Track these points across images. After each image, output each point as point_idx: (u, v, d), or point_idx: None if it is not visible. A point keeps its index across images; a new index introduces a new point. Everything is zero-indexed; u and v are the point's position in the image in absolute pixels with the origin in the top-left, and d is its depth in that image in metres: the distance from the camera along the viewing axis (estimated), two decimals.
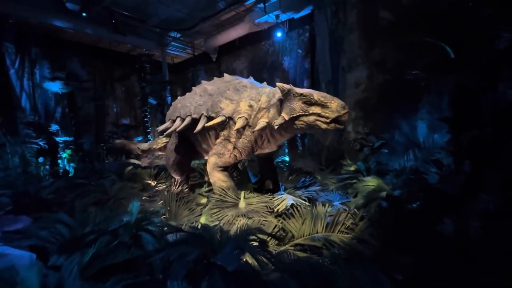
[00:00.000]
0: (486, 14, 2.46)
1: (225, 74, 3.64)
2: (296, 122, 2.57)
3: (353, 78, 4.94)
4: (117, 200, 3.39)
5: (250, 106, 2.97)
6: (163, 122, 4.22)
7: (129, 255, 1.61)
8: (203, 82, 3.80)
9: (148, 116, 10.73)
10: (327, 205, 2.83)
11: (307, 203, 3.16)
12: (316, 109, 2.44)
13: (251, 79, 3.51)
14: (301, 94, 2.51)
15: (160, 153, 5.13)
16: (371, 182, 2.85)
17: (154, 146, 4.89)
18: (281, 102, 2.68)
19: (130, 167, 5.52)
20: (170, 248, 1.62)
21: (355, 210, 2.65)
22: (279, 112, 2.69)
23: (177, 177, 4.13)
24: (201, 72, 12.62)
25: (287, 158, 6.10)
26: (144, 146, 5.14)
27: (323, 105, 2.40)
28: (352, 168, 3.76)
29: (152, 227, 2.09)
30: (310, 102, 2.46)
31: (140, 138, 10.51)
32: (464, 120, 2.46)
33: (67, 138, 8.16)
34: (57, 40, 9.29)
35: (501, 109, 2.30)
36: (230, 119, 3.07)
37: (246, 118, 2.95)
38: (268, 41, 10.02)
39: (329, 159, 5.12)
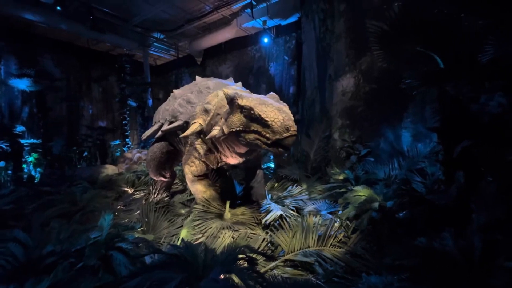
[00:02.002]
0: (473, 26, 2.50)
1: (197, 77, 3.50)
2: (238, 137, 2.21)
3: (340, 86, 4.95)
4: (87, 211, 3.05)
5: (205, 110, 2.63)
6: (143, 125, 3.95)
7: (95, 283, 1.36)
8: (185, 86, 3.68)
9: (127, 118, 10.20)
10: (318, 216, 2.71)
11: (295, 213, 3.03)
12: (257, 127, 2.04)
13: (230, 80, 3.37)
14: (242, 107, 2.10)
15: (136, 149, 4.81)
16: (361, 192, 2.77)
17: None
18: (230, 111, 2.29)
19: (105, 173, 5.11)
20: (147, 272, 1.39)
21: (347, 221, 2.55)
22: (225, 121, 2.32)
23: (158, 179, 3.87)
24: (185, 75, 12.31)
25: (272, 165, 5.98)
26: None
27: (264, 124, 1.99)
28: (341, 177, 3.69)
29: (125, 245, 1.83)
30: (251, 118, 2.06)
31: (117, 142, 9.94)
32: (452, 130, 2.45)
33: (34, 141, 7.46)
34: (27, 35, 8.60)
35: (483, 120, 2.33)
36: (187, 123, 2.82)
37: (201, 124, 2.63)
38: (254, 46, 9.98)
39: (315, 167, 5.05)
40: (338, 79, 5.01)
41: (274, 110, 2.01)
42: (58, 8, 7.02)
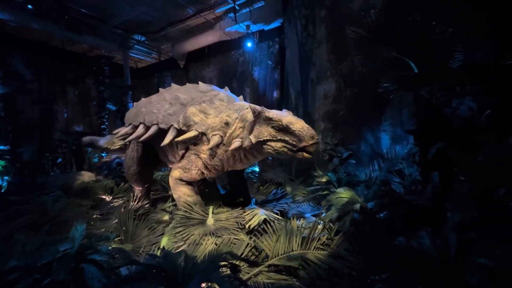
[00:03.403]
0: (444, 33, 2.63)
1: (200, 83, 3.36)
2: (264, 146, 2.46)
3: (322, 90, 5.05)
4: (59, 221, 2.85)
5: (226, 123, 2.76)
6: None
7: None
8: (174, 86, 3.45)
9: (106, 123, 9.79)
10: (301, 219, 2.71)
11: (279, 217, 3.01)
12: (284, 136, 2.34)
13: (227, 90, 3.30)
14: (270, 119, 2.39)
15: (115, 155, 4.54)
16: (344, 194, 2.81)
17: (109, 147, 4.27)
18: (254, 124, 2.55)
19: (81, 180, 4.84)
20: (121, 285, 1.30)
21: (330, 224, 2.56)
22: (250, 134, 2.56)
23: (138, 188, 3.68)
24: (167, 78, 12.07)
25: (257, 169, 5.96)
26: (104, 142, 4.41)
27: (291, 133, 2.30)
28: (323, 179, 3.73)
29: (99, 257, 1.71)
30: (278, 128, 2.36)
31: None
32: (428, 132, 2.56)
33: (2, 147, 6.94)
34: None
35: (455, 123, 2.46)
36: (203, 134, 2.83)
37: (221, 136, 2.75)
38: (238, 50, 10.00)
39: (299, 170, 5.09)
40: (320, 83, 5.12)
41: (299, 121, 2.34)
42: (29, 6, 6.64)
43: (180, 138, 2.85)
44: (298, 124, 2.31)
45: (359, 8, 4.38)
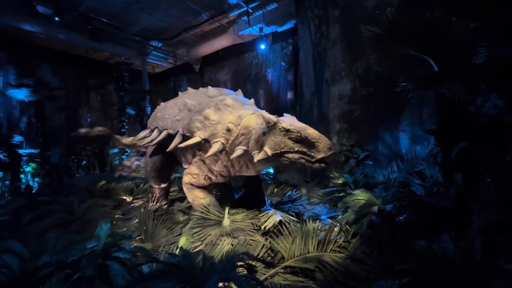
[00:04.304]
0: (465, 29, 2.53)
1: (209, 87, 3.42)
2: (280, 158, 2.39)
3: (337, 91, 4.99)
4: (85, 221, 3.01)
5: (228, 130, 2.70)
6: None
7: None
8: (190, 90, 3.58)
9: (126, 127, 10.20)
10: (317, 221, 2.68)
11: (295, 219, 3.00)
12: (302, 147, 2.29)
13: (240, 93, 3.34)
14: (288, 130, 2.33)
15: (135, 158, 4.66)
16: (361, 196, 2.76)
17: (139, 143, 4.37)
18: (264, 133, 2.46)
19: (103, 182, 5.08)
20: (143, 282, 1.37)
21: (347, 226, 2.52)
22: (260, 144, 2.46)
23: (156, 186, 3.82)
24: (183, 82, 12.38)
25: (271, 170, 5.96)
26: (128, 140, 4.56)
27: (309, 144, 2.27)
28: (340, 181, 3.68)
29: (123, 254, 1.80)
30: (296, 139, 2.31)
31: (116, 150, 9.91)
32: (450, 132, 2.46)
33: (33, 151, 7.43)
34: (25, 45, 8.67)
35: (480, 121, 2.34)
36: (206, 141, 2.82)
37: (223, 143, 2.70)
38: (251, 53, 10.08)
39: (314, 172, 5.04)
40: (334, 83, 5.05)
41: (316, 132, 2.30)
42: (56, 18, 7.09)
43: (183, 145, 2.89)
44: (315, 135, 2.27)
45: (374, 7, 4.29)
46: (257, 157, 2.42)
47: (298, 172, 5.14)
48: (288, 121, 2.45)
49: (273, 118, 2.43)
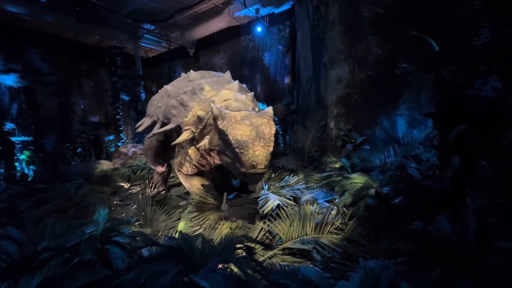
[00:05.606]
0: (469, 8, 2.45)
1: (191, 71, 3.32)
2: (218, 155, 2.27)
3: (335, 74, 4.90)
4: (82, 207, 3.01)
5: (199, 118, 2.56)
6: (137, 119, 3.89)
7: (92, 277, 1.34)
8: (183, 75, 3.55)
9: (120, 113, 10.03)
10: (315, 205, 2.72)
11: (292, 203, 3.04)
12: (230, 153, 2.11)
13: (227, 75, 3.25)
14: (220, 129, 2.13)
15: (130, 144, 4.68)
16: (358, 179, 2.78)
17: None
18: (207, 125, 2.39)
19: (100, 169, 5.05)
20: (143, 265, 1.38)
21: (344, 209, 2.56)
22: (205, 134, 2.38)
23: (156, 168, 3.84)
24: (178, 67, 12.07)
25: None
26: None
27: (235, 154, 2.04)
28: (337, 165, 3.70)
29: (122, 239, 1.81)
30: (227, 142, 2.09)
31: (111, 137, 9.80)
32: (448, 115, 2.44)
33: (26, 138, 7.29)
34: (11, 28, 8.25)
35: (478, 105, 2.32)
36: (180, 127, 2.74)
37: (193, 132, 2.60)
38: (248, 36, 9.78)
39: (311, 157, 5.06)
40: (333, 67, 4.95)
41: (248, 140, 2.00)
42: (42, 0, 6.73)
43: (158, 131, 2.86)
44: (245, 143, 2.00)
45: None
46: (198, 145, 2.40)
47: (295, 157, 5.15)
48: (234, 120, 2.14)
49: (216, 112, 2.20)
